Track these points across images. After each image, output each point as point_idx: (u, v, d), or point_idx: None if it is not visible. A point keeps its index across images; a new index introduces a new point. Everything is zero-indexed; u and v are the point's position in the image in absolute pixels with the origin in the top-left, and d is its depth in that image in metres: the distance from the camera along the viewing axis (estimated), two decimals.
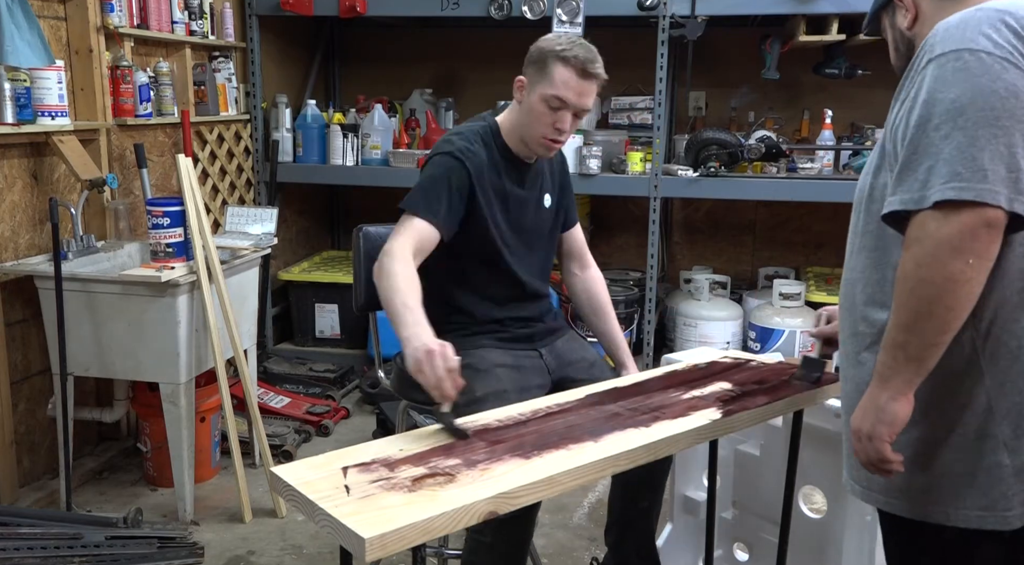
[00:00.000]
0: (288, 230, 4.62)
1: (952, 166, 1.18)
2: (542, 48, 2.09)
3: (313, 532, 2.84)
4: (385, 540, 1.26)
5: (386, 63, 4.99)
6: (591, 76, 2.06)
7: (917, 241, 1.22)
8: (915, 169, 1.23)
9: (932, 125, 1.21)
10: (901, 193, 1.24)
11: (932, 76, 1.24)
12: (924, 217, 1.21)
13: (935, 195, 1.19)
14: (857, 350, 1.43)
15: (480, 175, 2.10)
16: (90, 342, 2.87)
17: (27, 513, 2.71)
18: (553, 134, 2.09)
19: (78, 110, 3.16)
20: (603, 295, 2.41)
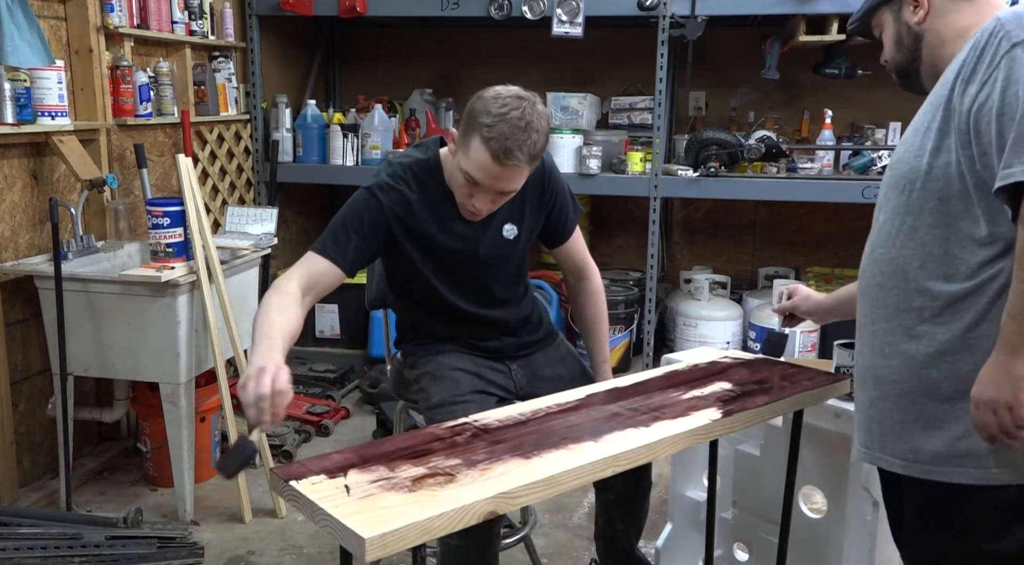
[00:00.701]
0: (288, 230, 4.62)
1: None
2: (473, 109, 1.89)
3: (313, 532, 2.84)
4: (385, 540, 1.26)
5: (386, 63, 4.99)
6: (509, 162, 1.83)
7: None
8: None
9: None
10: (1020, 164, 1.27)
11: None
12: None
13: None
14: (912, 324, 1.46)
15: (402, 215, 1.99)
16: (90, 342, 2.87)
17: (27, 513, 2.71)
18: (470, 207, 1.95)
19: (78, 110, 3.16)
20: (596, 312, 2.30)
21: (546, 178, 2.13)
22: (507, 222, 2.10)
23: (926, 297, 1.44)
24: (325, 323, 4.46)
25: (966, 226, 1.40)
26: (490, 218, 2.06)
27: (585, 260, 2.28)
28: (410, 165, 2.04)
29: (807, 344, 4.06)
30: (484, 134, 1.83)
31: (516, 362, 2.18)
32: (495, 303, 2.16)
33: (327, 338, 4.46)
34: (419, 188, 2.01)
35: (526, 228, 2.13)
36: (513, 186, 1.92)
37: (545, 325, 2.29)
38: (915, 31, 1.54)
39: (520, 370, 2.18)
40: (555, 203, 2.16)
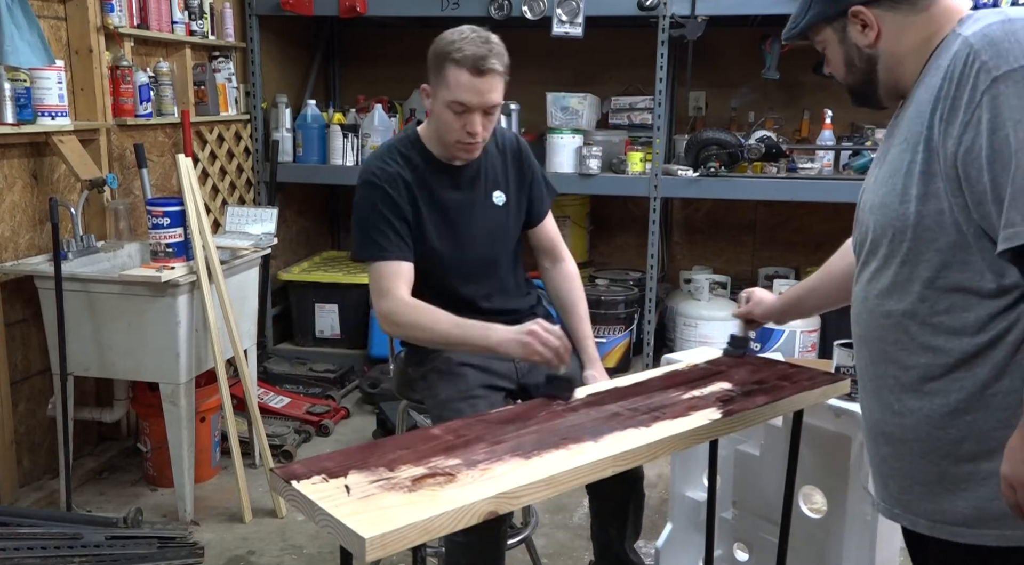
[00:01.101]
0: (288, 230, 4.62)
1: None
2: (436, 50, 2.01)
3: (313, 532, 2.84)
4: (385, 540, 1.26)
5: (386, 63, 4.99)
6: (486, 72, 1.96)
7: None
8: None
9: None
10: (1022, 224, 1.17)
11: (1011, 95, 1.18)
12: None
13: None
14: (921, 382, 1.36)
15: (405, 192, 2.06)
16: (90, 342, 2.87)
17: (27, 513, 2.71)
18: (466, 138, 2.02)
19: (78, 110, 3.16)
20: (572, 291, 2.32)
21: (523, 152, 2.25)
22: (495, 189, 2.18)
23: (935, 353, 1.34)
24: (325, 323, 4.46)
25: (970, 279, 1.29)
26: (479, 183, 2.15)
27: (559, 242, 2.35)
28: (392, 145, 2.13)
29: (807, 344, 4.06)
30: (455, 57, 1.95)
31: None
32: (501, 290, 2.18)
33: (327, 338, 4.46)
34: (405, 162, 2.09)
35: (512, 197, 2.21)
36: (496, 98, 2.01)
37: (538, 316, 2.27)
38: (867, 54, 1.40)
39: None
40: (533, 177, 2.26)
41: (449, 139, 2.04)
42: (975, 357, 1.30)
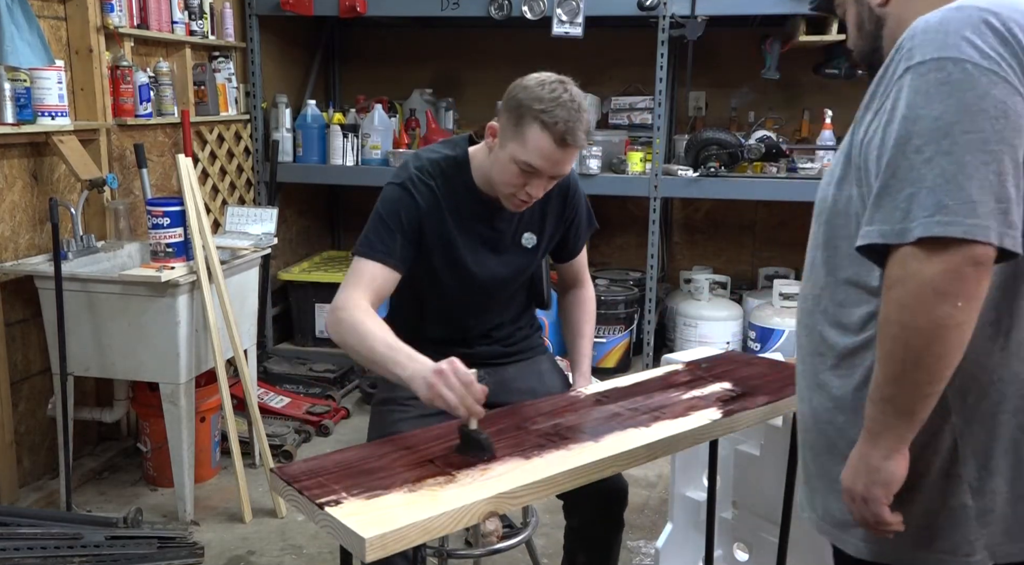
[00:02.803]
0: (288, 230, 4.62)
1: (937, 196, 1.05)
2: (520, 100, 1.82)
3: (313, 532, 2.84)
4: (385, 540, 1.26)
5: (386, 63, 4.99)
6: (571, 146, 1.81)
7: (899, 282, 1.09)
8: (894, 196, 1.09)
9: (913, 146, 1.08)
10: (879, 223, 1.11)
11: (911, 88, 1.10)
12: (905, 254, 1.08)
13: (918, 229, 1.06)
14: (817, 372, 1.31)
15: (432, 212, 1.93)
16: (90, 342, 2.87)
17: (27, 513, 2.71)
18: (522, 196, 1.88)
19: (78, 110, 3.16)
20: (583, 314, 2.24)
21: (570, 192, 2.09)
22: (527, 230, 2.05)
23: (827, 346, 1.29)
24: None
25: (858, 272, 1.22)
26: (512, 224, 2.02)
27: (581, 273, 2.26)
28: (439, 161, 1.97)
29: None
30: (544, 120, 1.78)
31: (485, 368, 2.08)
32: (494, 309, 2.11)
33: (327, 338, 4.45)
34: (445, 185, 1.95)
35: (546, 239, 2.08)
36: (568, 169, 1.90)
37: (531, 341, 2.22)
38: (876, 15, 1.32)
39: (487, 378, 2.08)
40: (573, 221, 2.12)
41: (503, 190, 1.90)
42: (854, 355, 1.24)
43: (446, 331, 2.10)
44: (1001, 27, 1.10)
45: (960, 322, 1.07)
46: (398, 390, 2.03)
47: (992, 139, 1.06)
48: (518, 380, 2.11)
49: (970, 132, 1.06)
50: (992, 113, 1.06)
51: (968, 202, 1.04)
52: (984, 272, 1.06)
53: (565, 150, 1.81)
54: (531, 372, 2.15)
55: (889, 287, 1.11)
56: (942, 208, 1.05)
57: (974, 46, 1.08)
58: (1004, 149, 1.06)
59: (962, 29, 1.10)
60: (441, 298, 2.05)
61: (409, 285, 2.06)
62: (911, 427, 1.15)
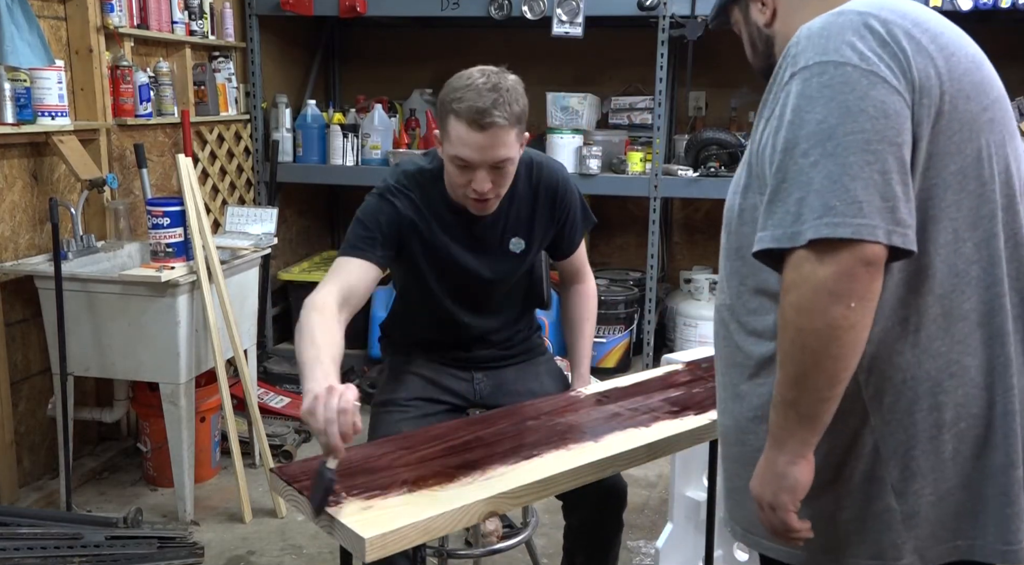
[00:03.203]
0: (288, 230, 4.62)
1: (824, 198, 1.06)
2: (441, 97, 1.83)
3: (313, 532, 2.84)
4: (385, 540, 1.26)
5: (386, 63, 4.99)
6: (487, 126, 1.75)
7: (794, 286, 1.09)
8: (785, 200, 1.09)
9: (800, 150, 1.09)
10: (772, 228, 1.10)
11: (796, 93, 1.11)
12: (799, 258, 1.08)
13: (808, 232, 1.06)
14: (736, 382, 1.29)
15: (414, 221, 1.94)
16: (90, 342, 2.87)
17: (27, 513, 2.71)
18: (472, 194, 1.85)
19: (78, 110, 3.16)
20: (583, 310, 2.21)
21: (559, 194, 2.06)
22: (515, 235, 2.03)
23: (744, 355, 1.27)
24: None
25: (766, 280, 1.21)
26: (496, 230, 2.00)
27: (581, 268, 2.23)
28: (414, 173, 1.98)
29: None
30: (454, 107, 1.77)
31: (482, 372, 2.12)
32: (489, 313, 2.11)
33: None
34: (422, 197, 1.96)
35: (536, 242, 2.06)
36: (503, 153, 1.81)
37: (529, 343, 2.22)
38: (765, 34, 1.33)
39: (485, 380, 2.12)
40: (566, 221, 2.09)
41: (456, 193, 1.90)
42: (771, 364, 1.21)
43: (442, 336, 2.10)
44: (881, 29, 1.12)
45: (854, 323, 1.06)
46: (398, 391, 2.03)
47: (874, 139, 1.06)
48: (517, 382, 2.12)
49: (852, 133, 1.06)
50: (872, 113, 1.07)
51: (854, 202, 1.05)
52: (875, 272, 1.06)
53: (484, 132, 1.76)
54: (530, 374, 2.15)
55: (785, 291, 1.10)
56: (829, 210, 1.05)
57: (854, 49, 1.10)
58: (886, 148, 1.07)
59: (843, 33, 1.11)
60: (433, 304, 2.05)
61: (403, 294, 2.07)
62: (814, 431, 1.14)
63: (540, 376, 2.16)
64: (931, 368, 1.17)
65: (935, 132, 1.13)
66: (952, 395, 1.17)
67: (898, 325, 1.16)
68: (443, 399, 2.07)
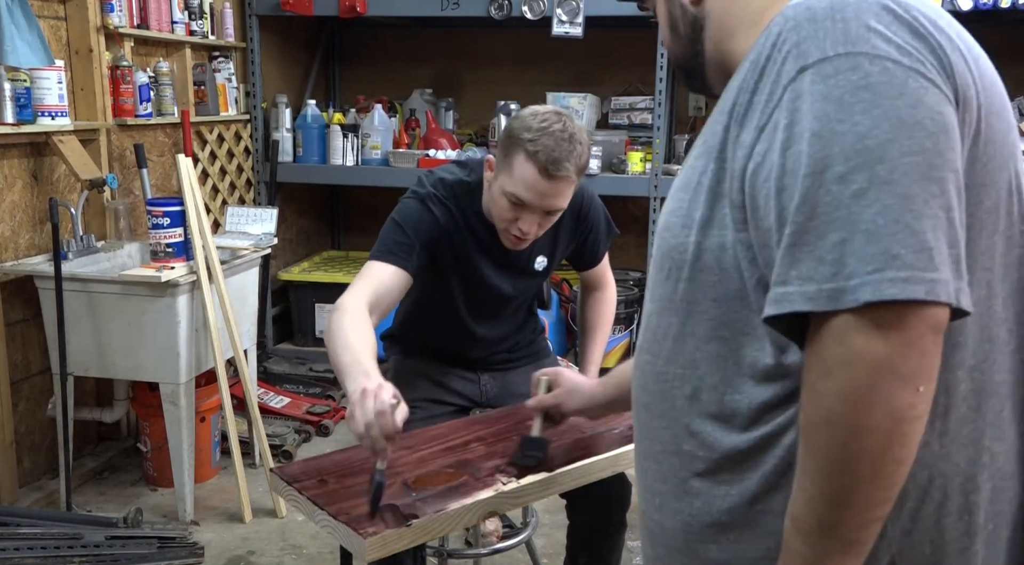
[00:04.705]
0: (288, 230, 4.62)
1: (883, 243, 0.76)
2: (512, 129, 1.79)
3: (313, 532, 2.84)
4: (385, 540, 1.26)
5: (386, 63, 4.99)
6: (557, 177, 1.75)
7: (841, 366, 0.78)
8: (816, 244, 0.79)
9: (835, 174, 0.78)
10: (800, 283, 0.79)
11: (818, 94, 0.81)
12: (845, 325, 0.78)
13: (863, 291, 0.76)
14: (684, 475, 0.97)
15: (451, 233, 1.92)
16: (90, 342, 2.87)
17: (27, 513, 2.71)
18: (515, 232, 1.84)
19: (78, 110, 3.16)
20: (600, 315, 2.22)
21: (583, 211, 2.06)
22: (539, 255, 2.02)
23: (698, 442, 0.95)
24: (325, 323, 4.45)
25: (749, 347, 0.91)
26: (526, 251, 1.98)
27: (604, 276, 2.23)
28: (453, 184, 1.94)
29: None
30: (529, 149, 1.73)
31: (488, 373, 2.14)
32: (500, 322, 2.12)
33: None
34: (459, 209, 1.92)
35: (557, 258, 2.07)
36: (561, 203, 1.83)
37: (535, 345, 2.23)
38: (691, 14, 1.02)
39: (492, 381, 2.14)
40: (588, 236, 2.10)
41: (498, 225, 1.88)
42: (745, 458, 0.92)
43: (452, 343, 2.11)
44: (905, 15, 0.83)
45: (922, 413, 0.79)
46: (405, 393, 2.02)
47: (937, 162, 0.79)
48: (521, 384, 2.10)
49: (911, 153, 0.78)
50: (930, 127, 0.79)
51: (924, 250, 0.77)
52: (940, 342, 0.79)
53: (551, 181, 1.75)
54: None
55: (824, 373, 0.79)
56: (892, 259, 0.76)
57: (885, 38, 0.81)
58: (949, 176, 0.79)
59: (864, 16, 0.82)
60: (450, 314, 2.05)
61: (419, 301, 2.06)
62: (859, 561, 0.84)
63: None
64: (961, 460, 0.89)
65: (972, 157, 0.85)
66: (983, 491, 0.91)
67: None
68: (449, 400, 2.08)
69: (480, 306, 2.05)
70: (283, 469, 1.49)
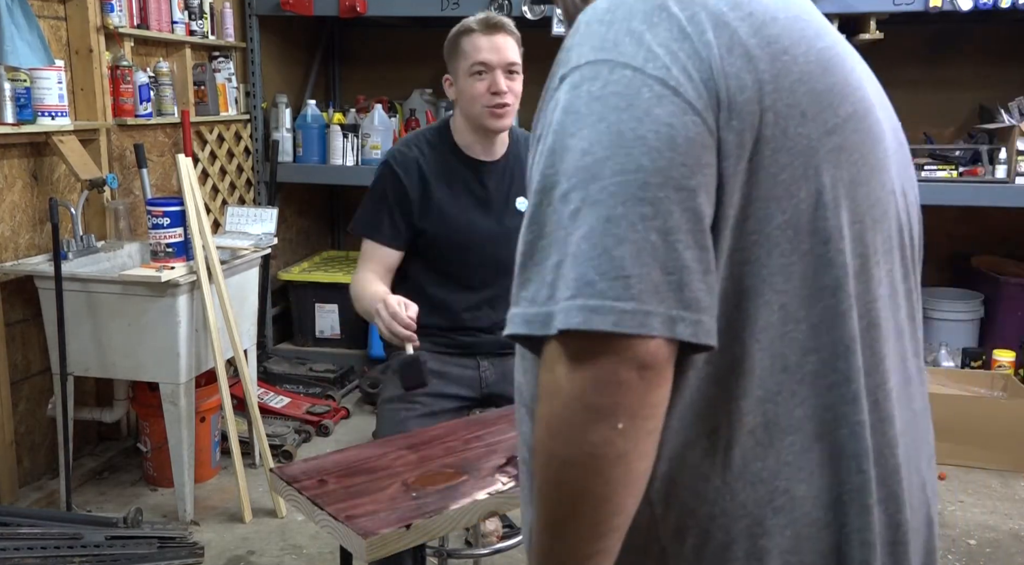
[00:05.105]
0: (288, 230, 4.62)
1: (581, 268, 0.72)
2: (449, 37, 2.09)
3: (313, 532, 2.84)
4: (385, 540, 1.26)
5: (386, 63, 4.99)
6: (496, 27, 2.02)
7: (547, 395, 0.76)
8: (542, 263, 0.76)
9: (560, 192, 0.75)
10: (526, 304, 0.77)
11: (562, 105, 0.78)
12: (551, 354, 0.75)
13: (559, 319, 0.73)
14: None
15: (418, 179, 2.09)
16: (90, 342, 2.87)
17: (27, 513, 2.71)
18: (493, 100, 2.03)
19: (78, 110, 3.16)
20: None
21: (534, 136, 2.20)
22: (520, 194, 2.17)
23: None
24: (325, 323, 4.46)
25: None
26: (503, 187, 2.14)
27: None
28: (422, 133, 2.17)
29: None
30: (466, 27, 2.02)
31: (488, 360, 2.17)
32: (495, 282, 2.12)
33: (327, 338, 4.46)
34: (431, 152, 2.11)
35: None
36: (513, 57, 2.04)
37: None
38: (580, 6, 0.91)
39: (491, 368, 2.16)
40: None
41: (477, 110, 2.05)
42: None
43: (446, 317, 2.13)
44: (681, 14, 0.78)
45: (623, 452, 0.73)
46: None
47: (653, 181, 0.73)
48: None
49: (623, 172, 0.73)
50: (652, 142, 0.73)
51: (619, 277, 0.71)
52: (655, 377, 0.73)
53: (496, 34, 2.01)
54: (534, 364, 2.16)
55: (539, 400, 0.77)
56: (587, 286, 0.72)
57: (640, 42, 0.77)
58: (670, 195, 0.73)
59: (630, 18, 0.78)
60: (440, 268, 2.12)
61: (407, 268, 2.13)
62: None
63: None
64: (747, 500, 0.82)
65: (753, 167, 0.78)
66: (778, 537, 0.82)
67: (704, 438, 0.81)
68: (449, 392, 2.10)
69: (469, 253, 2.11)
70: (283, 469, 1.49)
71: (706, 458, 0.81)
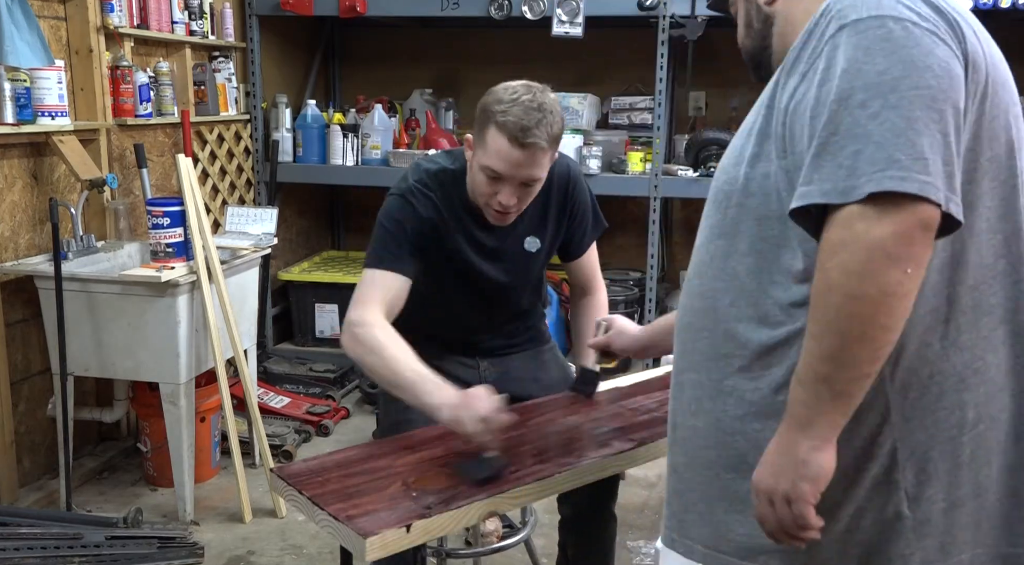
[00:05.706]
0: (288, 230, 4.62)
1: (887, 151, 0.97)
2: (483, 104, 1.83)
3: (313, 532, 2.84)
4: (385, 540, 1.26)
5: (386, 63, 4.99)
6: (528, 145, 1.76)
7: (843, 246, 0.98)
8: (836, 154, 1.00)
9: (856, 101, 1.00)
10: (820, 182, 1.01)
11: (851, 44, 1.03)
12: (851, 214, 0.98)
13: (868, 185, 0.97)
14: (720, 377, 1.17)
15: (435, 224, 1.93)
16: (90, 342, 2.87)
17: (27, 513, 2.71)
18: (495, 206, 1.86)
19: (78, 110, 3.16)
20: (589, 323, 2.14)
21: (571, 188, 2.05)
22: (529, 235, 2.03)
23: (736, 343, 1.16)
24: (325, 323, 4.46)
25: (783, 256, 1.12)
26: (514, 230, 1.99)
27: (594, 277, 2.20)
28: (436, 173, 1.97)
29: None
30: (499, 120, 1.76)
31: (488, 359, 2.13)
32: (498, 314, 2.11)
33: (327, 338, 4.46)
34: (444, 197, 1.94)
35: (548, 240, 2.06)
36: (536, 173, 1.83)
37: (533, 331, 2.22)
38: (765, 12, 1.26)
39: (491, 368, 2.12)
40: (576, 214, 2.08)
41: (479, 201, 1.90)
42: (774, 351, 1.12)
43: (450, 332, 2.11)
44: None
45: (908, 291, 0.98)
46: None
47: (940, 97, 1.00)
48: (521, 369, 2.12)
49: (918, 87, 0.99)
50: (937, 71, 1.00)
51: (920, 158, 0.97)
52: (930, 238, 0.98)
53: (523, 150, 1.77)
54: (535, 363, 2.16)
55: (831, 252, 0.99)
56: (894, 163, 0.96)
57: (909, 7, 1.03)
58: (949, 110, 1.00)
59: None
60: (446, 304, 2.05)
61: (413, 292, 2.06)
62: (845, 413, 1.03)
63: (545, 364, 2.17)
64: (958, 362, 1.10)
65: (979, 112, 1.07)
66: (974, 393, 1.11)
67: (930, 314, 1.08)
68: None
69: (476, 297, 2.04)
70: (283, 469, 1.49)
71: (930, 330, 1.09)
